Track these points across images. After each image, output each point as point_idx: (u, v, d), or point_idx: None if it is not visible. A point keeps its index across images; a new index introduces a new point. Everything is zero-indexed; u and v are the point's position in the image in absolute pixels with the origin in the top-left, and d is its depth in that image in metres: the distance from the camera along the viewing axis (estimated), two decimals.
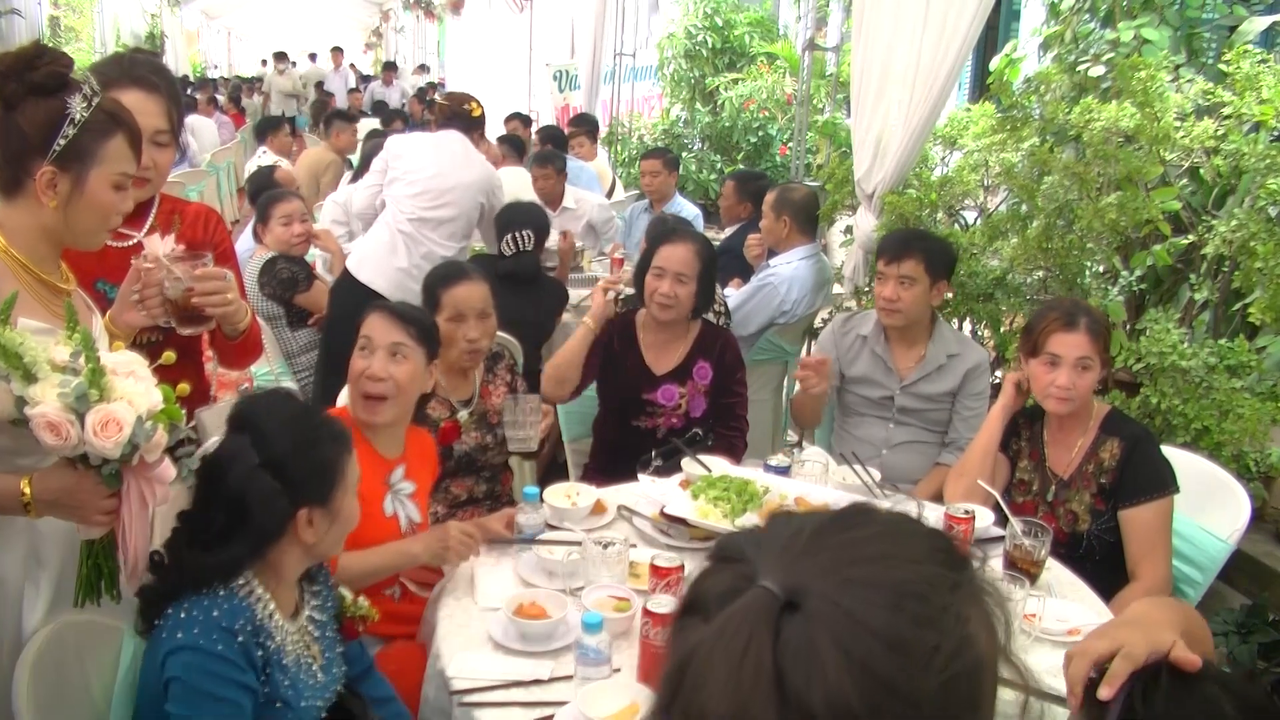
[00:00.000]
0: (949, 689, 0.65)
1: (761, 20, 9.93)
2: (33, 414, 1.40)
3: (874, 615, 0.65)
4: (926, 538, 0.73)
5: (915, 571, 0.68)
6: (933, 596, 0.67)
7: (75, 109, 1.62)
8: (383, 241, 4.03)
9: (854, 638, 0.64)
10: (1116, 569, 2.32)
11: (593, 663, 1.68)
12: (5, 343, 1.40)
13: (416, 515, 2.25)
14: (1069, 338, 2.33)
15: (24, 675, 1.51)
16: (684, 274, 2.84)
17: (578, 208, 5.52)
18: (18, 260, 1.65)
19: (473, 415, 2.68)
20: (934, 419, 3.02)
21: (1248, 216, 3.06)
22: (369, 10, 22.40)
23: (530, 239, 3.88)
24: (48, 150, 1.62)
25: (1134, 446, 2.35)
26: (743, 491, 2.17)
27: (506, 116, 8.69)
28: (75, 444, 1.42)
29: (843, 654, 0.63)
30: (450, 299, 2.63)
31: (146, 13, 16.23)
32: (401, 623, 2.18)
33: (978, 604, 0.70)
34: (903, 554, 0.70)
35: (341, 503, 1.66)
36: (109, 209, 1.72)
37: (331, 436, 1.67)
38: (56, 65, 1.63)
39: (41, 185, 1.62)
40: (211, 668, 1.50)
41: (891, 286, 2.93)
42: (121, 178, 1.71)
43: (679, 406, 2.94)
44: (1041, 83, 3.93)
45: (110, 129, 1.68)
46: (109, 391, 1.45)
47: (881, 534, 0.72)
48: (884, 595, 0.66)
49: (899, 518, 0.75)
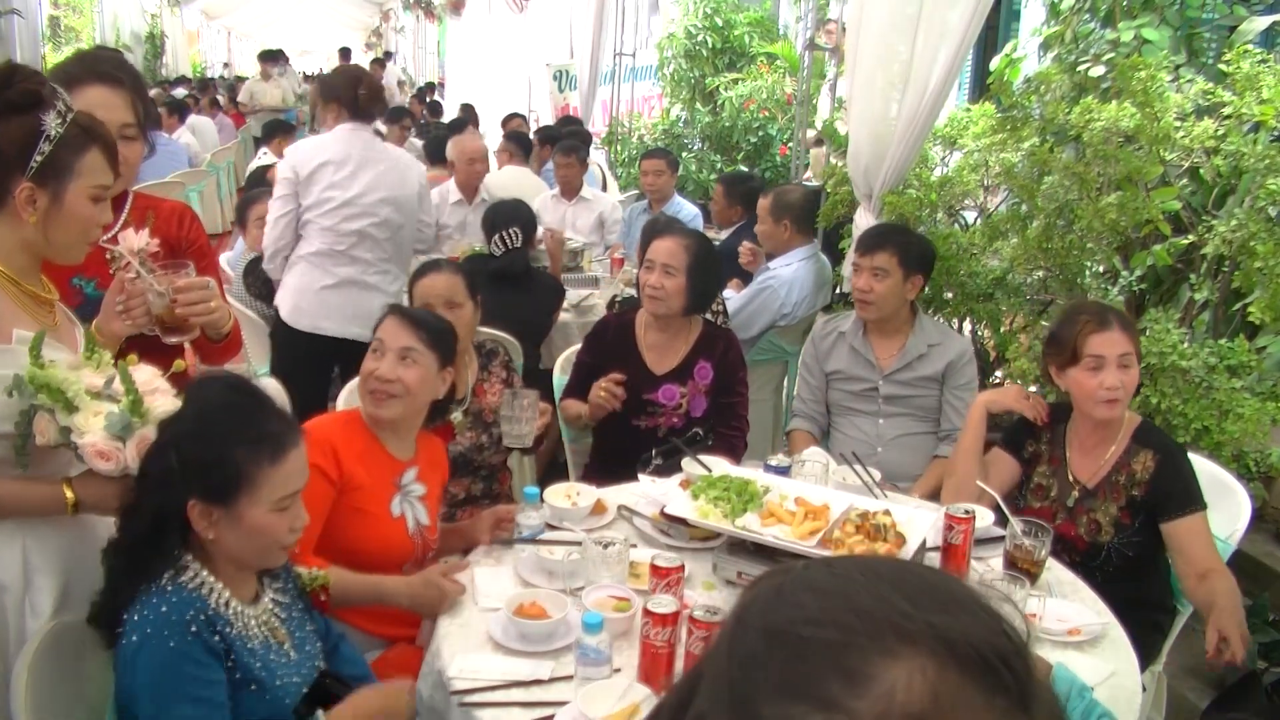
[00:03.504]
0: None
1: (761, 20, 9.93)
2: (83, 444, 1.56)
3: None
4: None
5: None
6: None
7: (50, 125, 1.66)
8: (308, 275, 3.54)
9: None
10: (1127, 581, 2.29)
11: (593, 663, 1.68)
12: (51, 382, 1.54)
13: (425, 518, 2.25)
14: (1107, 336, 2.29)
15: (23, 675, 1.51)
16: (671, 265, 2.84)
17: (593, 200, 5.68)
18: (3, 274, 1.68)
19: (467, 415, 2.68)
20: (922, 405, 3.03)
21: (1248, 216, 3.06)
22: (369, 10, 22.39)
23: (518, 236, 3.89)
24: (25, 167, 1.65)
25: (1166, 459, 2.31)
26: (743, 491, 2.16)
27: (506, 117, 8.70)
28: (125, 466, 1.58)
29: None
30: (418, 290, 2.72)
31: (146, 13, 16.21)
32: (402, 625, 2.17)
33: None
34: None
35: (249, 513, 1.56)
36: (88, 222, 1.75)
37: (251, 440, 1.56)
38: (30, 83, 1.66)
39: (21, 201, 1.66)
40: (170, 663, 1.49)
41: (865, 278, 2.98)
42: (98, 190, 1.74)
43: (679, 406, 2.94)
44: (1041, 83, 3.93)
45: (85, 143, 1.71)
46: (147, 416, 1.59)
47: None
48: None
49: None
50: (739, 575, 2.03)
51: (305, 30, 24.12)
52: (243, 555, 1.61)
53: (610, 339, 2.99)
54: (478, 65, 13.01)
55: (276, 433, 1.61)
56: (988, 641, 0.61)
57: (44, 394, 1.54)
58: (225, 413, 1.60)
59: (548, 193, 5.83)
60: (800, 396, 3.22)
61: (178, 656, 1.50)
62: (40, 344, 1.57)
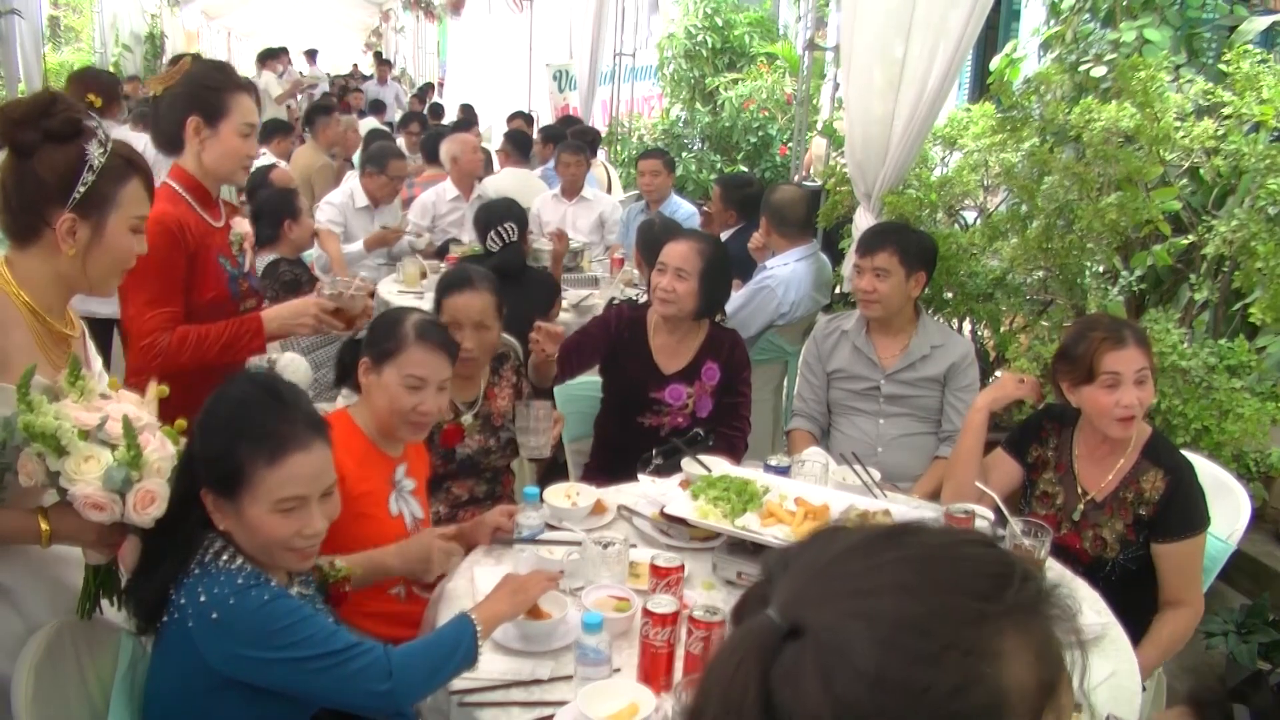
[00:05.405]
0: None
1: (761, 20, 9.93)
2: (75, 493, 1.48)
3: (863, 652, 0.64)
4: (967, 562, 0.70)
5: (928, 604, 0.66)
6: (938, 632, 0.65)
7: (93, 155, 1.63)
8: None
9: (839, 673, 0.63)
10: (1130, 592, 2.27)
11: (593, 663, 1.68)
12: (44, 429, 1.46)
13: (419, 511, 2.26)
14: (1123, 354, 2.22)
15: (24, 675, 1.51)
16: (683, 269, 2.85)
17: (594, 200, 5.71)
18: (27, 304, 1.64)
19: (477, 418, 2.68)
20: (923, 405, 3.03)
21: (1248, 216, 3.06)
22: (369, 10, 22.38)
23: (514, 231, 3.91)
24: (67, 198, 1.62)
25: (1177, 481, 2.26)
26: (743, 491, 2.16)
27: (509, 115, 8.70)
28: (117, 517, 1.51)
29: (824, 687, 0.63)
30: (449, 306, 2.66)
31: (146, 13, 16.19)
32: (405, 624, 2.17)
33: (1021, 635, 0.66)
34: (925, 583, 0.68)
35: (249, 511, 1.57)
36: (127, 253, 1.73)
37: (254, 438, 1.57)
38: (71, 112, 1.63)
39: (62, 233, 1.62)
40: (266, 606, 1.53)
41: (867, 279, 2.98)
42: (138, 221, 1.72)
43: (686, 406, 2.95)
44: (1041, 83, 3.93)
45: (127, 173, 1.69)
46: (145, 468, 1.52)
47: (908, 560, 0.69)
48: (880, 631, 0.64)
49: (944, 540, 0.72)
50: (739, 575, 2.03)
51: (305, 30, 24.10)
52: (255, 552, 1.62)
53: (623, 330, 3.00)
54: (478, 65, 13.02)
55: (280, 433, 1.59)
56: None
57: (38, 441, 1.48)
58: (237, 408, 1.62)
59: (548, 192, 5.84)
60: (801, 396, 3.22)
61: (273, 597, 1.54)
62: (28, 382, 1.49)
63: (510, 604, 1.75)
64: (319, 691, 1.58)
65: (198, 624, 1.52)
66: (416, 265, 4.60)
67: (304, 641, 1.53)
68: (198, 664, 1.53)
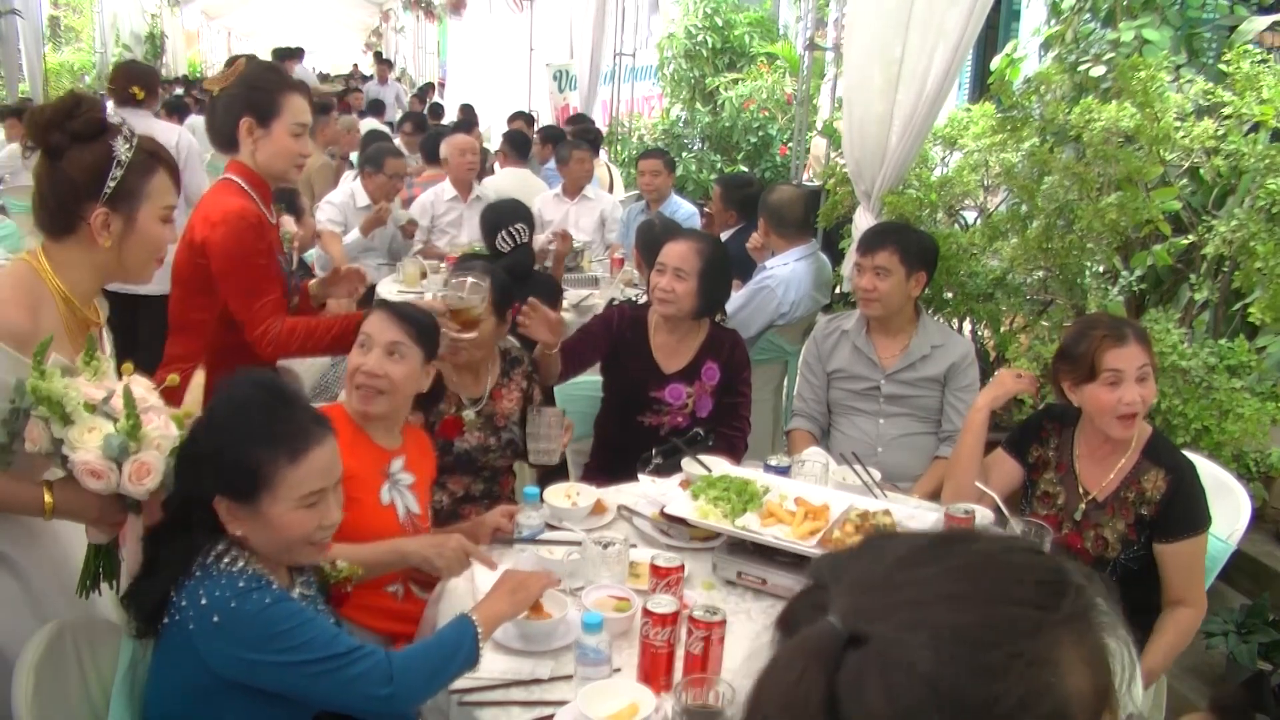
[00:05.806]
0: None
1: (761, 20, 9.92)
2: (75, 460, 1.56)
3: (929, 663, 0.63)
4: (1023, 570, 0.70)
5: (989, 614, 0.66)
6: (1001, 643, 0.64)
7: (120, 151, 1.72)
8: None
9: (904, 686, 0.63)
10: (1132, 592, 2.23)
11: (593, 663, 1.68)
12: (51, 394, 1.54)
13: (415, 507, 2.25)
14: (1124, 351, 2.21)
15: (24, 675, 1.51)
16: (682, 269, 2.86)
17: (595, 199, 5.72)
18: (60, 291, 1.73)
19: (479, 415, 2.67)
20: (923, 405, 3.03)
21: (1248, 216, 3.06)
22: (369, 10, 22.40)
23: (524, 232, 3.90)
24: (98, 193, 1.71)
25: (1179, 481, 2.26)
26: (743, 491, 2.16)
27: (510, 115, 8.70)
28: (114, 486, 1.58)
29: (889, 699, 0.63)
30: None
31: (146, 13, 16.21)
32: (403, 622, 2.17)
33: (1077, 643, 0.67)
34: (983, 593, 0.67)
35: (272, 511, 1.57)
36: (159, 242, 1.82)
37: (269, 440, 1.57)
38: (94, 112, 1.73)
39: (96, 227, 1.72)
40: (268, 609, 1.52)
41: (868, 278, 2.98)
42: (166, 211, 1.81)
43: (685, 406, 2.95)
44: (1042, 83, 3.92)
45: (152, 166, 1.78)
46: (144, 440, 1.59)
47: (967, 569, 0.69)
48: (944, 642, 0.64)
49: (999, 547, 0.72)
50: (739, 575, 2.03)
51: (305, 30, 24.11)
52: (272, 551, 1.62)
53: (624, 329, 3.00)
54: (478, 65, 13.02)
55: (295, 432, 1.61)
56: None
57: (44, 406, 1.54)
58: (245, 412, 1.61)
59: (549, 192, 5.84)
60: (801, 395, 3.22)
61: (274, 601, 1.54)
62: (45, 350, 1.57)
63: (510, 603, 1.75)
64: (319, 695, 1.57)
65: (199, 627, 1.52)
66: (416, 265, 4.61)
67: (305, 645, 1.53)
68: (198, 666, 1.53)
